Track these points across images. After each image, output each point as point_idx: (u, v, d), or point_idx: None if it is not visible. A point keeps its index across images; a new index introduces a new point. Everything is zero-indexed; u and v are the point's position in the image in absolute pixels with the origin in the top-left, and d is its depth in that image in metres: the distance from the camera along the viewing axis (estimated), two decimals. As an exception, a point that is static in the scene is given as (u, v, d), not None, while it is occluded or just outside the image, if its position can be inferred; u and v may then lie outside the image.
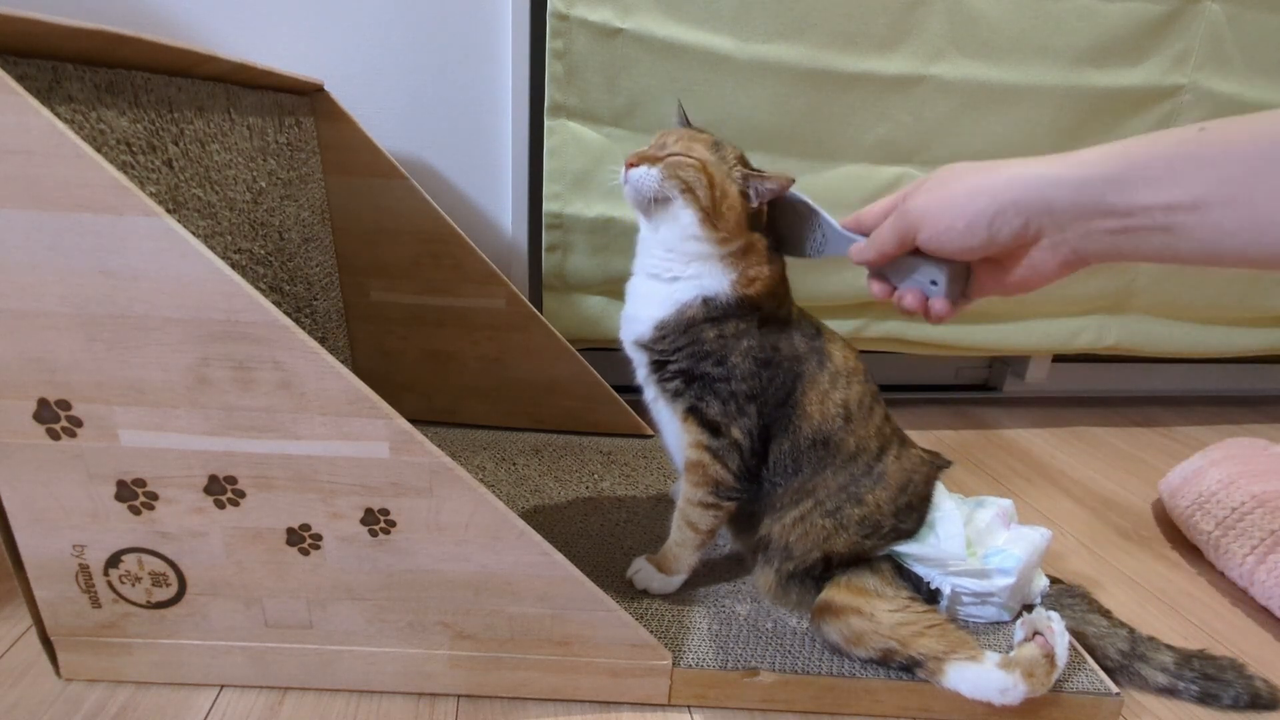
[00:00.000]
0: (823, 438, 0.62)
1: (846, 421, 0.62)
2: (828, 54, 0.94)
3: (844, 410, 0.62)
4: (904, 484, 0.63)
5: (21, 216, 0.43)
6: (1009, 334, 1.17)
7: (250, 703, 0.57)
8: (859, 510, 0.62)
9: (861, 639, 0.58)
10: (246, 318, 0.45)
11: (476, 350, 0.96)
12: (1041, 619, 0.60)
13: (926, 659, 0.57)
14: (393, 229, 0.89)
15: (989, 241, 0.44)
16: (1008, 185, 0.43)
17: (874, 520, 0.62)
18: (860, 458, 0.63)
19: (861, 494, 0.62)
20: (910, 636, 0.57)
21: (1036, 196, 0.42)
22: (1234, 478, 0.85)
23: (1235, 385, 1.46)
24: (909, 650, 0.57)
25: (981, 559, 0.63)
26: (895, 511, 0.63)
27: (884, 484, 0.63)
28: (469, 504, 0.51)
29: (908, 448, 0.66)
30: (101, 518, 0.52)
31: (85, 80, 0.49)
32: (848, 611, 0.59)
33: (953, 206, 0.45)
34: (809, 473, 0.63)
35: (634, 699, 0.59)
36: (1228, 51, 1.03)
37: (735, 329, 0.61)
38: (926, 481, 0.66)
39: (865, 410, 0.63)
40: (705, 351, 0.61)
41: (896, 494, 0.63)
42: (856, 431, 0.63)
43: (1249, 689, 0.62)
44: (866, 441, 0.63)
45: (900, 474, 0.63)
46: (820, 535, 0.62)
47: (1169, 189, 0.38)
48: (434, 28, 0.94)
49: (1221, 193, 0.36)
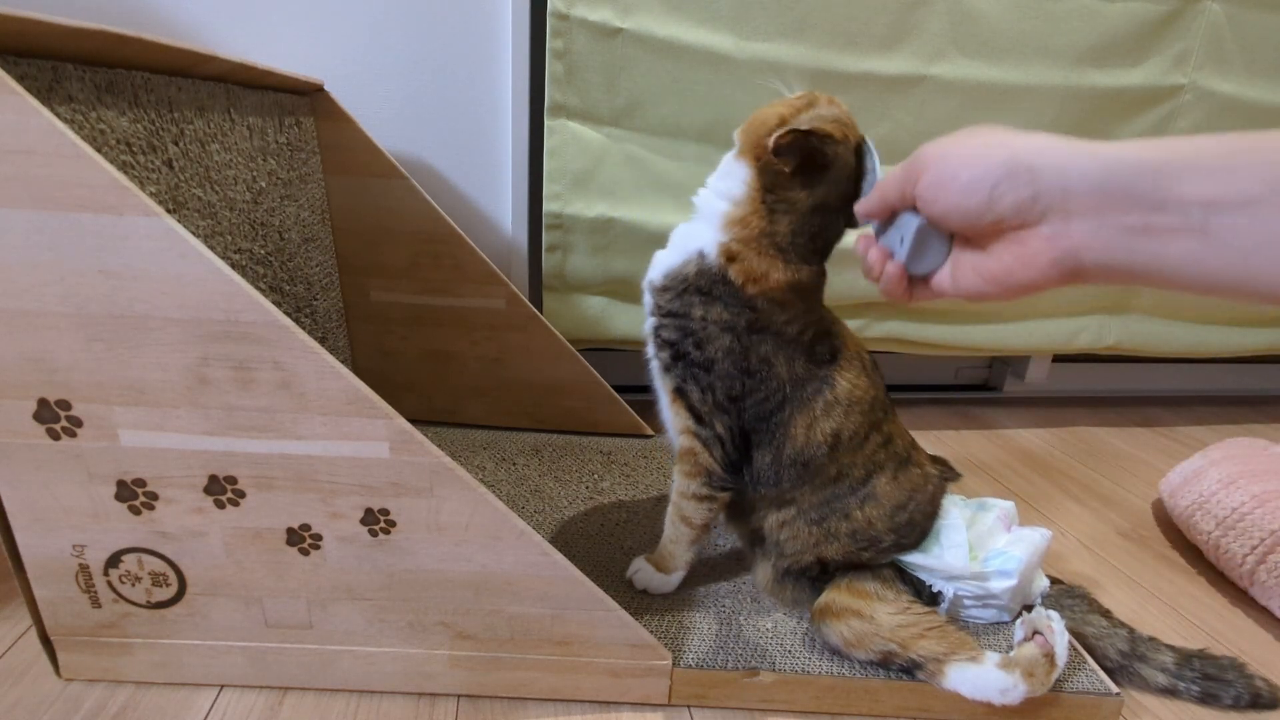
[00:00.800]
0: (804, 460, 0.60)
1: (832, 450, 0.60)
2: (828, 54, 0.94)
3: (832, 439, 0.60)
4: (902, 503, 0.62)
5: (21, 216, 0.43)
6: (1009, 334, 1.17)
7: (250, 703, 0.57)
8: (846, 524, 0.61)
9: (862, 641, 0.58)
10: (246, 318, 0.45)
11: (476, 350, 0.96)
12: (1041, 619, 0.60)
13: (927, 661, 0.57)
14: (393, 229, 0.89)
15: (985, 205, 0.39)
16: (1027, 148, 0.38)
17: (867, 535, 0.61)
18: (842, 482, 0.61)
19: (848, 510, 0.61)
20: (910, 639, 0.57)
21: (1055, 170, 0.37)
22: (1234, 478, 0.85)
23: (1235, 385, 1.46)
24: (909, 652, 0.57)
25: (982, 561, 0.63)
26: (893, 528, 0.61)
27: (874, 502, 0.61)
28: (469, 504, 0.51)
29: (909, 467, 0.63)
30: (101, 518, 0.52)
31: (85, 80, 0.49)
32: (848, 614, 0.59)
33: (963, 154, 0.40)
34: (788, 485, 0.61)
35: (634, 699, 0.59)
36: (1228, 51, 1.03)
37: (720, 318, 0.57)
38: (931, 499, 0.64)
39: (856, 440, 0.60)
40: (690, 329, 0.58)
41: (893, 511, 0.61)
42: (840, 460, 0.60)
43: (1250, 689, 0.61)
44: (850, 469, 0.61)
45: (896, 493, 0.62)
46: (809, 540, 0.62)
47: (1218, 182, 0.32)
48: (434, 28, 0.94)
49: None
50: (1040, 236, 0.38)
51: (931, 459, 0.68)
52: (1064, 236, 0.37)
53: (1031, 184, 0.37)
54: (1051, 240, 0.38)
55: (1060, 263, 0.38)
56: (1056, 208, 0.37)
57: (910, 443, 0.65)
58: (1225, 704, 0.62)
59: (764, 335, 0.58)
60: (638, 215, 0.97)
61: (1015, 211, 0.38)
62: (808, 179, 0.55)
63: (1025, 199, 0.38)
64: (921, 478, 0.64)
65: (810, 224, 0.56)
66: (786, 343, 0.58)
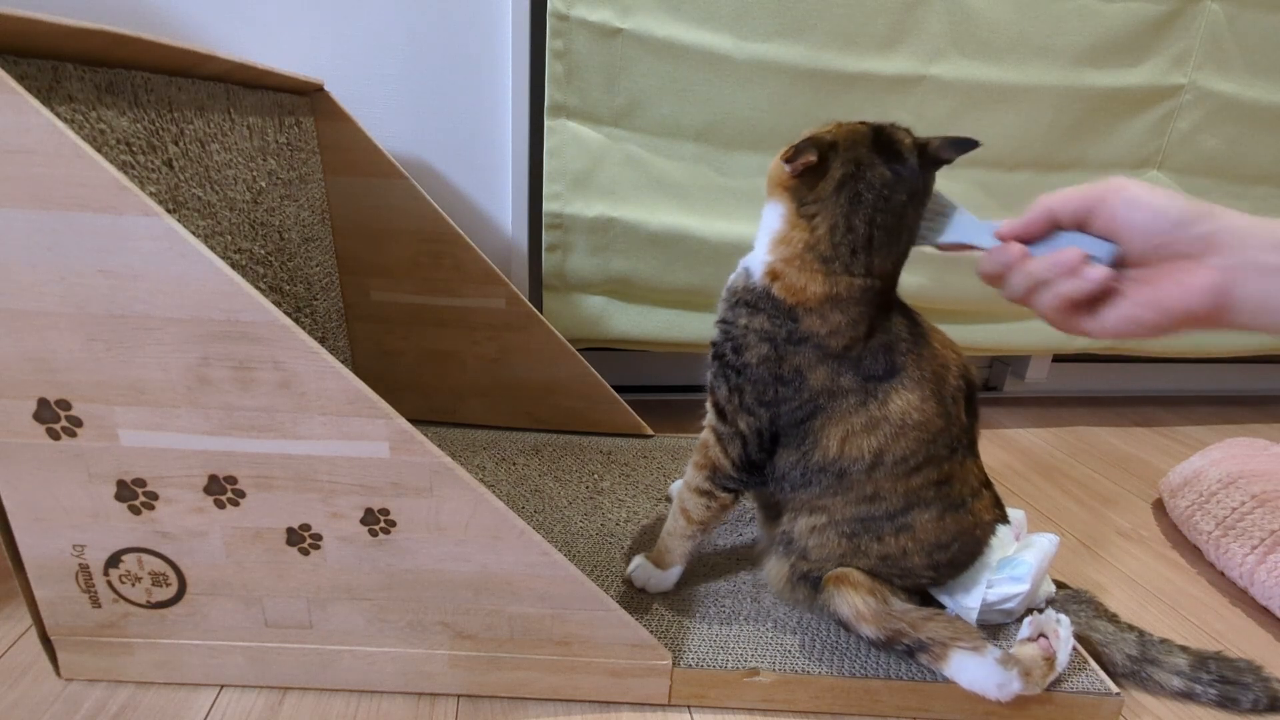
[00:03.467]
0: (837, 470, 0.58)
1: (872, 469, 0.57)
2: (828, 54, 0.94)
3: (874, 457, 0.57)
4: (943, 543, 0.59)
5: (21, 216, 0.43)
6: (1009, 334, 1.17)
7: (250, 703, 0.57)
8: (879, 546, 0.60)
9: (874, 617, 0.58)
10: (246, 318, 0.45)
11: (476, 350, 0.97)
12: (1050, 622, 0.60)
13: (933, 643, 0.57)
14: (393, 229, 0.89)
15: (1173, 227, 0.43)
16: (1212, 206, 0.43)
17: (900, 564, 0.60)
18: (878, 504, 0.59)
19: (882, 534, 0.59)
20: (920, 620, 0.58)
21: (1233, 218, 0.42)
22: (1234, 478, 0.85)
23: (1235, 385, 1.46)
24: (917, 633, 0.57)
25: (995, 569, 0.63)
26: (931, 565, 0.60)
27: (910, 534, 0.59)
28: (469, 504, 0.51)
29: (962, 512, 0.59)
30: (101, 517, 0.52)
31: (85, 80, 0.49)
32: (864, 589, 0.59)
33: (1156, 189, 0.44)
34: (818, 491, 0.60)
35: (634, 699, 0.59)
36: (1228, 51, 1.03)
37: (761, 327, 0.58)
38: (975, 545, 0.62)
39: (905, 467, 0.57)
40: (732, 335, 0.60)
41: (932, 549, 0.59)
42: (880, 482, 0.58)
43: (1268, 691, 0.60)
44: (888, 494, 0.58)
45: (939, 533, 0.59)
46: (837, 552, 0.61)
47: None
48: (434, 28, 0.94)
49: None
50: (1206, 265, 0.42)
51: (995, 503, 0.63)
52: (1229, 270, 0.41)
53: (1213, 222, 0.42)
54: (1217, 272, 0.41)
55: (1214, 290, 0.41)
56: (1232, 243, 0.41)
57: (973, 491, 0.60)
58: (1244, 708, 0.60)
59: (802, 346, 0.57)
60: (637, 215, 0.97)
61: (1191, 241, 0.42)
62: (827, 178, 0.55)
63: (1205, 233, 0.42)
64: (972, 523, 0.60)
65: (851, 224, 0.54)
66: (829, 355, 0.57)
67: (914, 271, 1.14)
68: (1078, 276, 0.45)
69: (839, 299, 0.56)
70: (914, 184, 0.54)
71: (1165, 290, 0.43)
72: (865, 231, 0.54)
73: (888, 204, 0.54)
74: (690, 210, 0.99)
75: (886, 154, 0.54)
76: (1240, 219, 0.42)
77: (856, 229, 0.54)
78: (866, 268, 0.55)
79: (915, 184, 0.54)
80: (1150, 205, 0.44)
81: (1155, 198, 0.44)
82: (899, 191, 0.54)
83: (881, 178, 0.53)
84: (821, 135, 0.54)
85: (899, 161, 0.53)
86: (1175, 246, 0.43)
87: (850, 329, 0.56)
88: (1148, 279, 0.44)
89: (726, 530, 0.79)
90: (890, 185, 0.53)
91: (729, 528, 0.80)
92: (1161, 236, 0.43)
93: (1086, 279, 0.45)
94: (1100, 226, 0.45)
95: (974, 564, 0.62)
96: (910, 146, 0.54)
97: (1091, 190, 0.46)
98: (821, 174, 0.54)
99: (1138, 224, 0.44)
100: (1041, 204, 0.47)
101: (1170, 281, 0.43)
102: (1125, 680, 0.63)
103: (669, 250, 0.99)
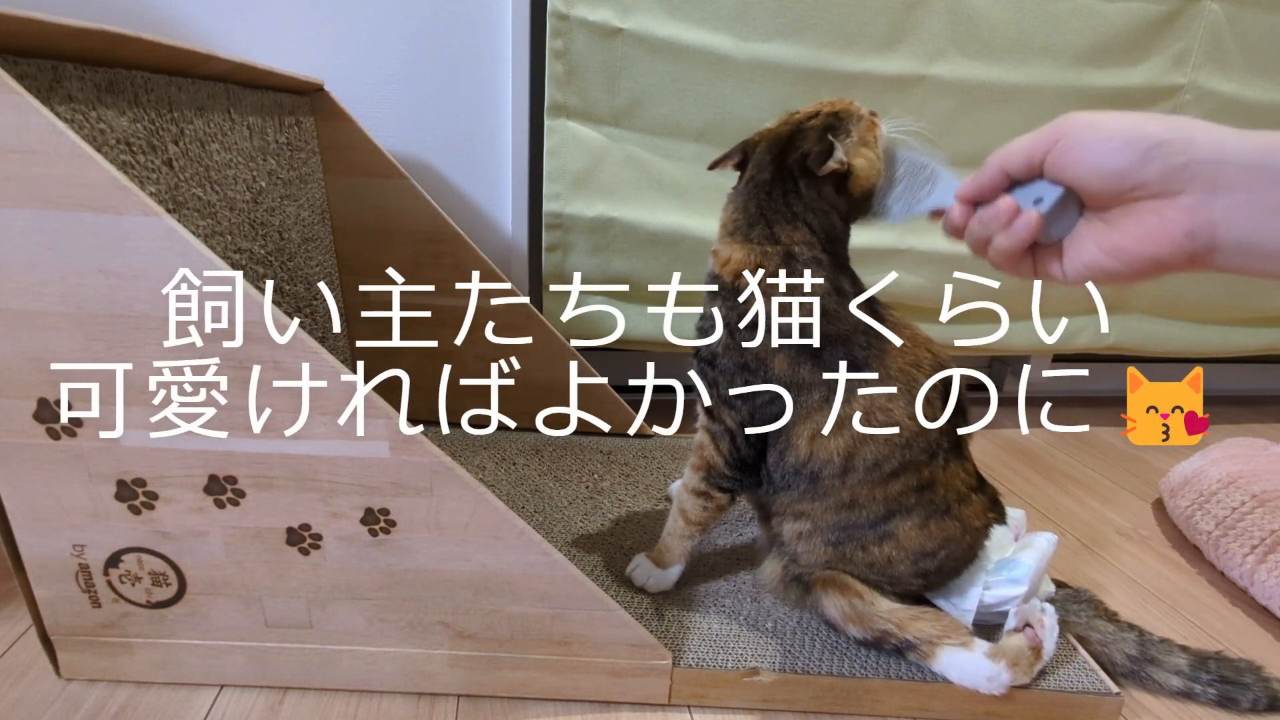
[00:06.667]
0: (810, 473, 0.58)
1: (844, 473, 0.57)
2: (828, 54, 0.94)
3: (844, 461, 0.57)
4: (929, 551, 0.58)
5: (21, 216, 0.43)
6: (1009, 334, 1.17)
7: (250, 702, 0.57)
8: (864, 555, 0.59)
9: (859, 618, 0.59)
10: (246, 317, 0.45)
11: (476, 350, 0.96)
12: (1034, 612, 0.60)
13: (920, 642, 0.57)
14: (393, 229, 0.89)
15: (1136, 166, 0.37)
16: (1185, 123, 0.37)
17: (886, 572, 0.60)
18: (858, 511, 0.58)
19: (865, 542, 0.59)
20: (907, 620, 0.58)
21: (1213, 143, 0.36)
22: (1234, 478, 0.85)
23: (1235, 385, 1.46)
24: (904, 633, 0.57)
25: (993, 570, 0.63)
26: (918, 573, 0.60)
27: (893, 542, 0.58)
28: (469, 504, 0.51)
29: (948, 519, 0.58)
30: (101, 517, 0.52)
31: (85, 80, 0.49)
32: (850, 592, 0.59)
33: (1119, 122, 0.39)
34: (797, 495, 0.60)
35: (634, 699, 0.59)
36: (1228, 51, 1.03)
37: (719, 311, 0.59)
38: (969, 549, 0.61)
39: (880, 474, 0.57)
40: (701, 326, 0.61)
41: (918, 557, 0.59)
42: (855, 489, 0.57)
43: (1268, 691, 0.60)
44: (866, 501, 0.58)
45: (924, 541, 0.58)
46: (824, 558, 0.61)
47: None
48: (434, 27, 0.94)
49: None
50: (1179, 207, 0.37)
51: (991, 504, 0.61)
52: (1206, 209, 0.36)
53: (1185, 152, 0.36)
54: (1191, 212, 0.37)
55: (1194, 235, 0.37)
56: (1205, 179, 0.36)
57: (960, 496, 0.59)
58: (1243, 708, 0.61)
59: (753, 330, 0.57)
60: (637, 215, 0.97)
61: (1162, 177, 0.37)
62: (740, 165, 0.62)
63: (1177, 165, 0.37)
64: (959, 530, 0.59)
65: (753, 196, 0.59)
66: (783, 340, 0.57)
67: (914, 272, 1.13)
68: (1008, 229, 0.42)
69: (758, 266, 0.58)
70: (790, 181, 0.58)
71: (1131, 237, 0.39)
72: (767, 210, 0.59)
73: (793, 179, 0.58)
74: (690, 210, 0.99)
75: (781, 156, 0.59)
76: (1220, 141, 0.36)
77: (763, 206, 0.59)
78: (773, 235, 0.58)
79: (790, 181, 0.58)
80: (1111, 139, 0.39)
81: (1117, 130, 0.39)
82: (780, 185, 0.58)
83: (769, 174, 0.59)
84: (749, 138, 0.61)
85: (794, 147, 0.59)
86: (1145, 185, 0.38)
87: (787, 294, 0.57)
88: (1115, 222, 0.40)
89: (726, 530, 0.79)
90: (783, 169, 0.59)
91: (729, 528, 0.80)
92: (1124, 175, 0.38)
93: (1013, 232, 0.42)
94: (1053, 171, 0.41)
95: (966, 570, 0.62)
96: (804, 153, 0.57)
97: (1043, 134, 0.41)
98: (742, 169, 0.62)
99: (1093, 164, 0.39)
100: (993, 160, 0.44)
101: (1136, 227, 0.39)
102: (1125, 680, 0.63)
103: (669, 250, 0.99)
